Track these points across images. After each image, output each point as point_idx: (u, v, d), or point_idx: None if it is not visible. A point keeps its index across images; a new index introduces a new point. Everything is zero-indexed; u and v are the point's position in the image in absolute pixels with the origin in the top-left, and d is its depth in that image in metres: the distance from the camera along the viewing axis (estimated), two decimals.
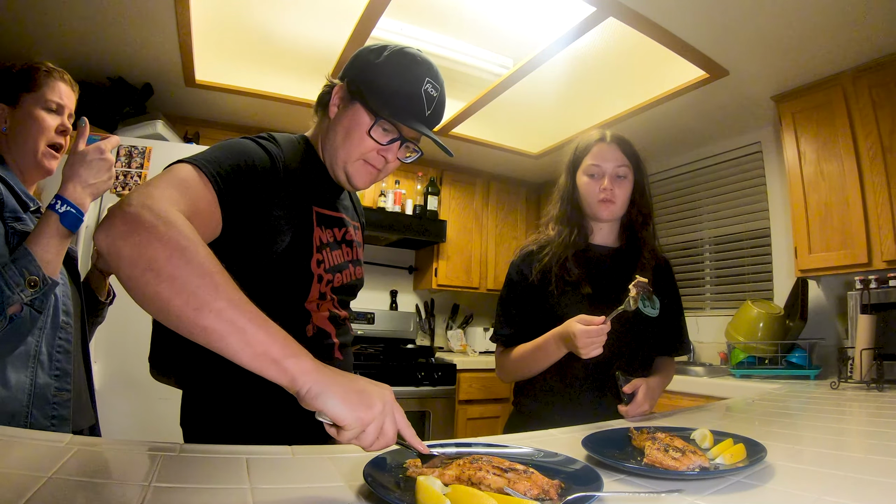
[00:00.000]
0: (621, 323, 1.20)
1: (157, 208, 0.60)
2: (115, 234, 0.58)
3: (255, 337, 0.56)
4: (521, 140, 3.35)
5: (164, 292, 0.55)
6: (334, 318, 0.96)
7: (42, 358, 1.00)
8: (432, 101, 0.91)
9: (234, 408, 0.88)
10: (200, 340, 0.56)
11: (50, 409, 1.00)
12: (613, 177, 1.23)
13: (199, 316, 0.55)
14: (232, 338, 0.55)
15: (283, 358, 0.56)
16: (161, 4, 1.98)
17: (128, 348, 1.76)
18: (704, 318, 2.97)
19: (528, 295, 1.25)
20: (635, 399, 1.10)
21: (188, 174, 0.72)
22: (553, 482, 0.55)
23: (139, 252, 0.56)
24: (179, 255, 0.57)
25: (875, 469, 0.68)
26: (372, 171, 0.93)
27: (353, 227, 1.05)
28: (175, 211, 0.62)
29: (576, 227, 1.27)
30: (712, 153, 3.06)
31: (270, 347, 0.56)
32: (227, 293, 0.57)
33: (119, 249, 0.57)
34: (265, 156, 0.84)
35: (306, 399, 0.56)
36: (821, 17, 1.87)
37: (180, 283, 0.55)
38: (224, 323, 0.55)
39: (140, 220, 0.58)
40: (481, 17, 2.09)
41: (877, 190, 2.05)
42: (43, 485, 0.49)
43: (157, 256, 0.56)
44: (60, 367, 1.03)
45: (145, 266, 0.56)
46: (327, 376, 0.57)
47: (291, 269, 0.88)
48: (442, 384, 2.95)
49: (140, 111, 2.63)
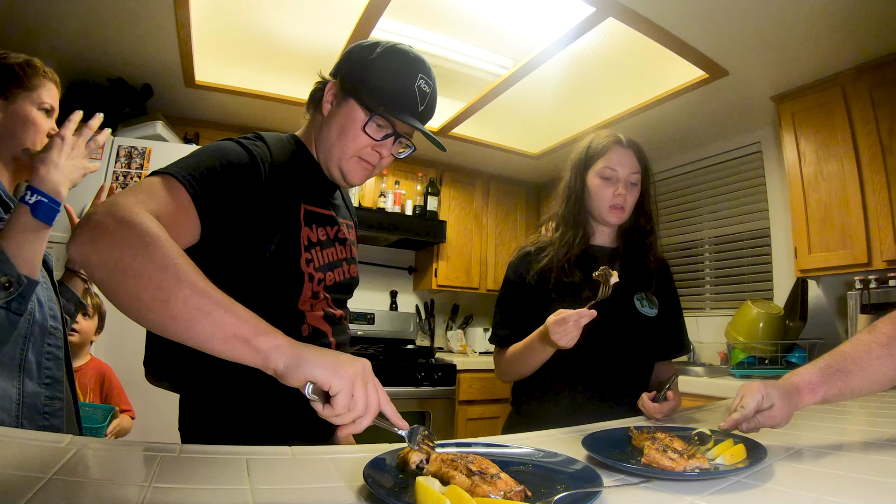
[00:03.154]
0: (621, 324, 1.21)
1: (121, 213, 0.62)
2: (83, 241, 0.59)
3: (224, 320, 0.56)
4: (521, 140, 3.35)
5: (132, 289, 0.57)
6: (329, 317, 0.96)
7: (29, 366, 0.93)
8: (425, 97, 0.91)
9: (231, 411, 0.87)
10: (171, 333, 0.57)
11: (41, 420, 0.94)
12: (627, 183, 1.21)
13: (167, 307, 0.55)
14: (200, 324, 0.55)
15: (253, 336, 0.56)
16: (161, 5, 1.98)
17: (127, 349, 1.76)
18: (704, 318, 2.97)
19: (525, 296, 1.25)
20: (667, 397, 1.07)
21: (155, 181, 0.73)
22: (517, 489, 0.54)
23: (107, 255, 0.58)
24: (143, 252, 0.58)
25: (875, 469, 0.68)
26: (367, 167, 0.93)
27: (345, 225, 1.04)
28: (140, 211, 0.63)
29: (581, 229, 1.25)
30: (712, 153, 3.06)
31: (240, 328, 0.56)
32: (190, 281, 0.57)
33: (88, 256, 0.59)
34: (244, 153, 0.83)
35: (285, 374, 0.55)
36: (820, 17, 1.87)
37: (146, 278, 0.56)
38: (190, 310, 0.55)
39: (104, 226, 0.60)
40: (481, 18, 2.10)
41: (877, 190, 2.05)
42: (43, 485, 0.49)
43: (122, 256, 0.57)
44: (51, 375, 0.98)
45: (113, 267, 0.58)
46: (302, 349, 0.57)
47: (281, 269, 0.88)
48: (442, 384, 2.95)
49: (140, 112, 2.63)
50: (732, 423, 0.79)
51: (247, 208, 0.81)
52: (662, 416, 1.06)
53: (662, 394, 1.07)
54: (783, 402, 0.78)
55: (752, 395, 0.79)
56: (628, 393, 1.15)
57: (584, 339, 1.19)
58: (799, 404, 0.80)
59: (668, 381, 1.09)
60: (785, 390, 0.80)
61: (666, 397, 1.07)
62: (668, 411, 1.07)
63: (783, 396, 0.79)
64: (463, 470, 0.56)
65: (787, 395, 0.79)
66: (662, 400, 1.07)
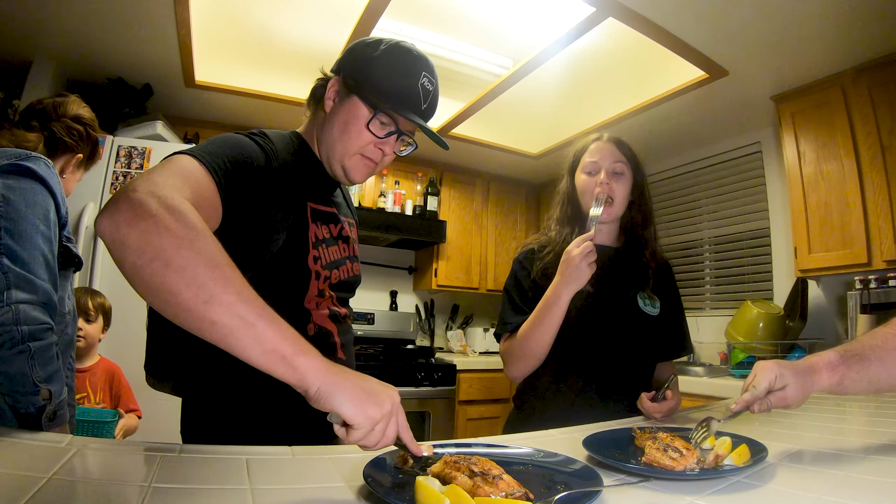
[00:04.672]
0: (623, 323, 1.21)
1: (164, 195, 0.58)
2: (121, 220, 0.55)
3: (265, 333, 0.54)
4: (521, 140, 3.35)
5: (173, 284, 0.53)
6: (335, 316, 0.96)
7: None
8: (428, 95, 0.91)
9: (233, 414, 0.87)
10: (206, 335, 0.54)
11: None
12: (611, 173, 1.24)
13: (209, 309, 0.53)
14: (240, 332, 0.53)
15: (293, 355, 0.55)
16: (161, 5, 1.98)
17: (129, 349, 1.76)
18: (704, 318, 2.97)
19: (531, 288, 1.25)
20: (666, 396, 1.07)
21: (190, 164, 0.70)
22: (520, 492, 0.54)
23: (146, 240, 0.54)
24: (188, 245, 0.55)
25: (875, 469, 0.68)
26: (369, 164, 0.93)
27: (347, 223, 1.04)
28: (181, 199, 0.60)
29: (577, 227, 1.27)
30: (712, 153, 3.06)
31: (280, 344, 0.54)
32: (236, 286, 0.55)
33: (124, 237, 0.54)
34: (260, 152, 0.83)
35: (316, 398, 0.55)
36: (820, 17, 1.87)
37: (190, 274, 0.53)
38: (233, 318, 0.53)
39: (146, 208, 0.56)
40: (481, 18, 2.10)
41: (877, 190, 2.05)
42: (43, 485, 0.49)
43: (165, 246, 0.54)
44: (69, 384, 1.04)
45: (153, 255, 0.54)
46: (337, 376, 0.56)
47: (288, 267, 0.87)
48: (442, 384, 2.95)
49: (140, 112, 2.63)
50: (743, 403, 0.76)
51: (259, 205, 0.81)
52: (661, 416, 1.06)
53: (661, 393, 1.07)
54: (797, 382, 0.75)
55: (764, 374, 0.76)
56: (630, 393, 1.15)
57: (586, 337, 1.19)
58: (815, 384, 0.76)
59: (667, 381, 1.09)
60: (800, 369, 0.76)
61: (665, 397, 1.06)
62: (668, 411, 1.07)
63: (798, 375, 0.75)
64: (465, 471, 0.56)
65: (803, 375, 0.76)
66: (661, 399, 1.07)
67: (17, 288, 0.91)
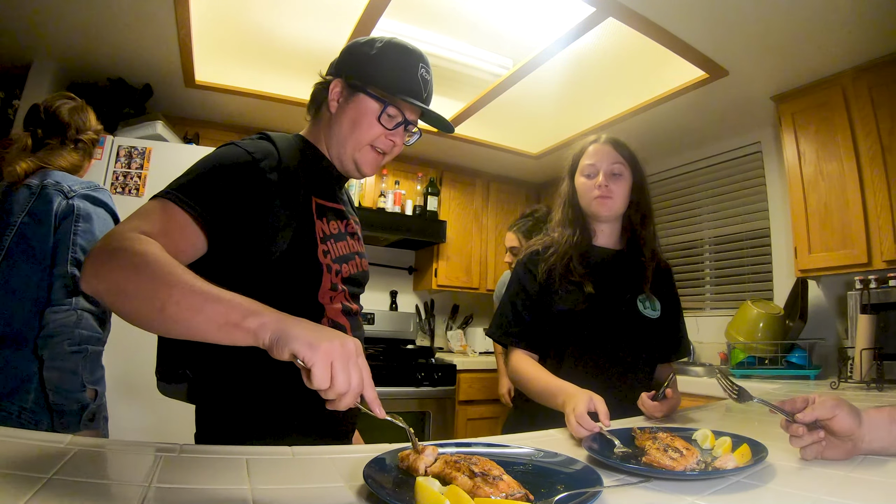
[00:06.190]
0: (624, 326, 1.21)
1: (115, 241, 0.67)
2: (88, 274, 0.65)
3: (214, 311, 0.59)
4: (521, 140, 3.35)
5: (133, 307, 0.62)
6: (347, 311, 0.97)
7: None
8: (427, 84, 0.97)
9: (249, 414, 0.87)
10: (178, 335, 0.61)
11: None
12: (609, 174, 1.25)
13: (164, 314, 0.59)
14: (196, 320, 0.59)
15: (241, 319, 0.58)
16: (161, 5, 1.98)
17: (134, 352, 1.76)
18: (704, 318, 2.97)
19: (535, 292, 1.26)
20: (666, 394, 1.06)
21: (150, 205, 0.76)
22: (520, 493, 0.53)
23: (108, 282, 0.64)
24: (133, 272, 0.62)
25: (875, 469, 0.68)
26: (378, 156, 0.97)
27: (353, 220, 1.07)
28: (133, 235, 0.67)
29: (578, 229, 1.28)
30: (712, 153, 3.06)
31: (230, 315, 0.58)
32: (179, 284, 0.60)
33: (95, 287, 0.65)
34: (241, 152, 0.84)
35: (272, 349, 0.57)
36: (820, 17, 1.87)
37: (143, 294, 0.61)
38: (184, 310, 0.59)
39: (102, 256, 0.66)
40: (481, 18, 2.10)
41: (877, 190, 2.05)
42: (43, 485, 0.49)
43: (118, 279, 0.63)
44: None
45: (116, 291, 0.64)
46: (288, 321, 0.58)
47: (299, 263, 0.88)
48: (442, 385, 2.95)
49: (140, 112, 2.63)
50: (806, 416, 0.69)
51: (252, 206, 0.81)
52: (662, 415, 1.06)
53: (661, 392, 1.07)
54: (851, 411, 0.69)
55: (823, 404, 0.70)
56: (630, 394, 1.15)
57: (586, 339, 1.20)
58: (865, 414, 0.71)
59: (666, 380, 1.10)
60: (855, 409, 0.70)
61: (665, 396, 1.07)
62: (668, 410, 1.07)
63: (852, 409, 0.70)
64: (465, 471, 0.56)
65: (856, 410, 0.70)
66: (661, 399, 1.07)
67: (84, 297, 1.12)
